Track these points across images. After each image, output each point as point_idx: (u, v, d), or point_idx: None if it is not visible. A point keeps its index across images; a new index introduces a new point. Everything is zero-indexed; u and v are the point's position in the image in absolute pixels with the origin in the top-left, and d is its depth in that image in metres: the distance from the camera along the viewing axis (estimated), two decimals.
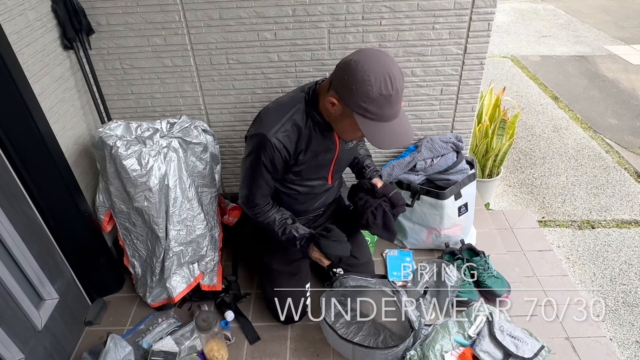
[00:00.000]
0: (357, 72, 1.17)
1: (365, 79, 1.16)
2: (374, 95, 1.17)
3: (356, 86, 1.17)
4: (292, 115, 1.35)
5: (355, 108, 1.21)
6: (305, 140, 1.38)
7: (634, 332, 1.92)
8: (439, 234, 1.90)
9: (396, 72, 1.19)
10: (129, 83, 1.85)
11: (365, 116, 1.21)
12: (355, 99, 1.19)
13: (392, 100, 1.19)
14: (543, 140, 3.27)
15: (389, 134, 1.25)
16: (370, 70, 1.16)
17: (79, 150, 1.71)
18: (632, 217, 2.54)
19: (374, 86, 1.16)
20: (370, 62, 1.18)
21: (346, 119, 1.27)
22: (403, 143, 1.30)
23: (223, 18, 1.70)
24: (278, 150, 1.34)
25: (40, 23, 1.51)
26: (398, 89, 1.19)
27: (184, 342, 1.59)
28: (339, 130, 1.36)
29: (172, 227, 1.63)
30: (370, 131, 1.23)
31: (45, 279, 1.53)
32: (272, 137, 1.32)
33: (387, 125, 1.23)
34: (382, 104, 1.19)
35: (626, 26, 5.42)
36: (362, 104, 1.19)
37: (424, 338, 1.54)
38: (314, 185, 1.53)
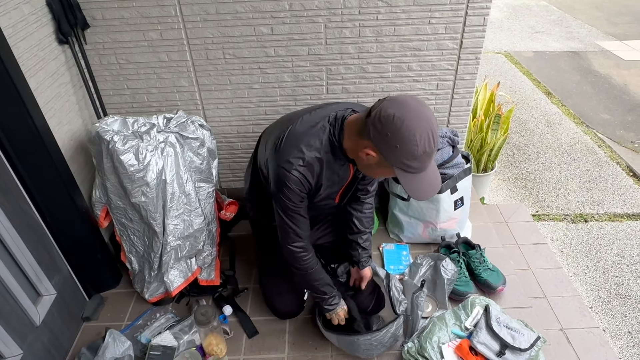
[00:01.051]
0: (402, 131, 1.12)
1: (411, 138, 1.12)
2: (419, 154, 1.14)
3: (401, 145, 1.13)
4: (314, 148, 1.29)
5: (396, 164, 1.18)
6: (325, 174, 1.35)
7: (626, 323, 1.95)
8: (435, 228, 1.92)
9: (435, 125, 1.16)
10: (124, 78, 1.84)
11: (407, 171, 1.18)
12: (399, 156, 1.15)
13: (431, 154, 1.18)
14: (537, 135, 3.30)
15: (426, 184, 1.23)
16: (416, 129, 1.12)
17: (75, 145, 1.70)
18: (624, 211, 2.57)
19: (419, 146, 1.12)
20: (414, 120, 1.12)
21: (381, 168, 1.24)
22: (436, 191, 1.27)
23: (219, 12, 1.70)
24: (302, 183, 1.31)
25: (35, 17, 1.50)
26: (438, 142, 1.17)
27: (182, 337, 1.59)
28: (364, 170, 1.34)
29: (169, 222, 1.63)
30: (411, 185, 1.21)
31: (42, 275, 1.52)
32: (294, 172, 1.28)
33: (423, 174, 1.21)
34: (425, 159, 1.17)
35: (618, 22, 5.47)
36: (405, 161, 1.15)
37: (421, 330, 1.56)
38: (320, 206, 1.52)
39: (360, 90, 1.91)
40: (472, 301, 1.59)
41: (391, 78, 1.87)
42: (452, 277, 1.69)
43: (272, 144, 1.36)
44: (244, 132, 2.02)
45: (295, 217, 1.38)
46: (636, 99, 3.76)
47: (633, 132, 3.32)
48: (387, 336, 1.49)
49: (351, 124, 1.27)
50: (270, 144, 1.37)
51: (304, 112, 1.40)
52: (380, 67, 1.84)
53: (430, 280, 1.74)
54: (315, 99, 1.94)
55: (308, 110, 1.40)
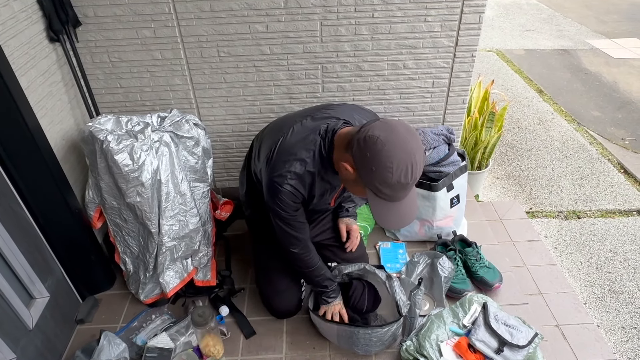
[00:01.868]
0: (381, 155, 1.11)
1: (388, 165, 1.11)
2: (392, 182, 1.13)
3: (376, 168, 1.13)
4: (305, 161, 1.30)
5: (369, 186, 1.18)
6: (317, 184, 1.36)
7: (619, 318, 1.97)
8: (431, 226, 1.92)
9: (419, 160, 1.15)
10: (117, 76, 1.82)
11: (378, 196, 1.18)
12: (372, 179, 1.15)
13: (408, 187, 1.16)
14: (529, 132, 3.32)
15: (396, 214, 1.22)
16: (395, 156, 1.11)
17: (67, 145, 1.68)
18: (616, 207, 2.60)
19: (394, 174, 1.11)
20: (396, 148, 1.11)
21: (357, 186, 1.24)
22: (406, 224, 1.27)
23: (214, 10, 1.68)
24: (294, 194, 1.32)
25: (25, 14, 1.47)
26: (416, 177, 1.16)
27: (179, 338, 1.58)
28: (346, 186, 1.36)
29: (164, 222, 1.61)
30: (378, 210, 1.21)
31: (35, 277, 1.49)
32: (286, 185, 1.30)
33: (395, 204, 1.20)
34: (398, 189, 1.15)
35: (607, 20, 5.52)
36: (378, 185, 1.15)
37: (419, 328, 1.56)
38: (317, 210, 1.55)
39: (356, 89, 1.90)
40: (470, 299, 1.59)
41: (387, 76, 1.87)
42: (449, 275, 1.69)
43: (264, 156, 1.37)
44: (238, 131, 2.01)
45: (292, 224, 1.40)
46: (626, 96, 3.80)
47: (623, 129, 3.36)
48: (387, 335, 1.49)
49: (340, 137, 1.27)
50: (263, 155, 1.39)
51: (295, 121, 1.39)
52: (376, 65, 1.84)
53: (427, 278, 1.74)
54: (310, 97, 1.92)
55: (300, 118, 1.39)
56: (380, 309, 1.65)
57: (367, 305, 1.59)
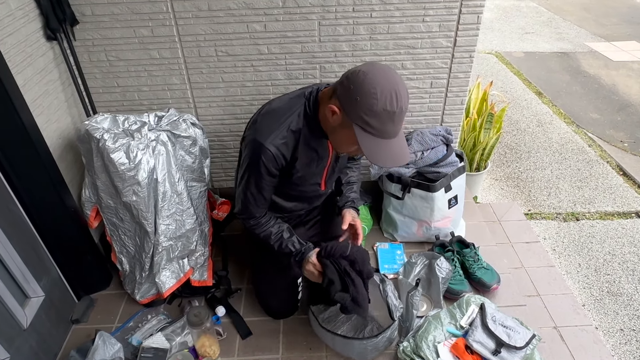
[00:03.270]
0: (365, 84, 1.13)
1: (371, 91, 1.12)
2: (377, 109, 1.13)
3: (361, 97, 1.13)
4: (290, 121, 1.31)
5: (356, 120, 1.17)
6: (301, 148, 1.35)
7: (618, 320, 1.96)
8: (429, 227, 1.91)
9: (403, 91, 1.16)
10: (114, 75, 1.81)
11: (366, 130, 1.17)
12: (358, 110, 1.15)
13: (395, 117, 1.16)
14: (528, 134, 3.32)
15: (387, 151, 1.21)
16: (378, 83, 1.12)
17: (63, 144, 1.67)
18: (614, 209, 2.59)
19: (379, 100, 1.12)
20: (378, 76, 1.14)
21: (344, 130, 1.23)
22: (399, 163, 1.26)
23: (212, 9, 1.68)
24: (275, 158, 1.30)
25: (22, 12, 1.46)
26: (402, 108, 1.16)
27: (174, 338, 1.56)
28: (335, 141, 1.33)
29: (161, 222, 1.61)
30: (368, 146, 1.19)
31: (30, 276, 1.48)
32: (269, 145, 1.28)
33: (385, 142, 1.19)
34: (385, 119, 1.15)
35: (606, 23, 5.53)
36: (365, 116, 1.15)
37: (416, 329, 1.55)
38: (306, 191, 1.52)
39: None
40: (467, 300, 1.58)
41: None
42: (446, 276, 1.68)
43: (251, 122, 1.40)
44: (236, 130, 2.00)
45: (259, 189, 1.38)
46: (625, 99, 3.80)
47: (622, 131, 3.36)
48: (382, 341, 1.49)
49: (325, 92, 1.30)
50: (250, 122, 1.41)
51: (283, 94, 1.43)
52: None
53: (425, 279, 1.73)
54: None
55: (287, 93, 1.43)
56: (375, 312, 1.64)
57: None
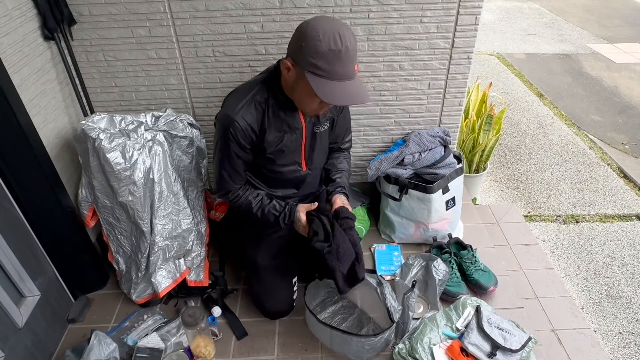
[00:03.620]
0: (307, 30, 1.20)
1: (314, 34, 1.18)
2: (322, 49, 1.18)
3: (305, 42, 1.20)
4: (254, 93, 1.38)
5: (306, 66, 1.22)
6: (269, 119, 1.40)
7: (617, 323, 1.95)
8: (426, 228, 1.90)
9: (346, 32, 1.20)
10: (112, 75, 1.81)
11: (316, 73, 1.22)
12: (305, 55, 1.21)
13: (342, 56, 1.19)
14: (528, 136, 3.31)
15: (340, 92, 1.24)
16: (320, 27, 1.19)
17: (60, 143, 1.67)
18: (615, 212, 2.58)
19: (322, 41, 1.18)
20: (320, 21, 1.21)
21: (300, 83, 1.27)
22: (355, 102, 1.30)
23: (209, 9, 1.68)
24: (243, 130, 1.36)
25: (19, 12, 1.47)
26: (348, 47, 1.19)
27: (170, 339, 1.56)
28: (297, 100, 1.36)
29: (157, 222, 1.61)
30: (320, 88, 1.23)
31: (25, 275, 1.49)
32: (236, 116, 1.35)
33: (338, 84, 1.23)
34: (332, 60, 1.19)
35: (609, 25, 5.51)
36: (312, 59, 1.20)
37: (412, 331, 1.54)
38: (286, 172, 1.54)
39: None
40: (464, 302, 1.58)
41: (382, 77, 1.86)
42: (443, 278, 1.68)
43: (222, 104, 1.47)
44: None
45: (232, 164, 1.44)
46: (626, 101, 3.78)
47: (624, 133, 3.34)
48: (380, 342, 1.48)
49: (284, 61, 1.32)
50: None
51: None
52: (372, 65, 1.83)
53: (422, 280, 1.73)
54: None
55: None
56: (372, 313, 1.64)
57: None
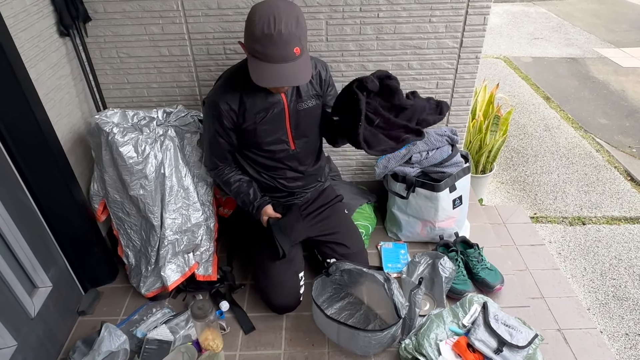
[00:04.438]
0: (250, 14, 1.25)
1: (252, 19, 1.23)
2: (257, 33, 1.22)
3: (247, 26, 1.26)
4: (235, 76, 1.45)
5: (249, 49, 1.28)
6: (249, 98, 1.45)
7: (623, 324, 1.95)
8: (433, 227, 1.91)
9: (283, 15, 1.20)
10: (125, 72, 1.84)
11: (254, 55, 1.27)
12: (247, 39, 1.27)
13: (274, 40, 1.21)
14: (535, 138, 3.31)
15: (275, 73, 1.27)
16: (257, 11, 1.23)
17: (73, 138, 1.70)
18: (621, 214, 2.58)
19: (257, 25, 1.21)
20: (260, 5, 1.24)
21: (249, 62, 1.31)
22: (289, 83, 1.34)
23: (221, 7, 1.70)
24: (224, 111, 1.43)
25: (36, 8, 1.50)
26: (281, 30, 1.20)
27: (178, 331, 1.58)
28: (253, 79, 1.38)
29: (167, 216, 1.63)
30: (255, 71, 1.27)
31: (38, 266, 1.51)
32: (218, 99, 1.43)
33: (273, 66, 1.25)
34: (265, 43, 1.22)
35: (616, 30, 5.51)
36: (250, 42, 1.26)
37: (418, 327, 1.55)
38: (274, 150, 1.57)
39: None
40: (470, 299, 1.58)
41: None
42: (450, 276, 1.68)
43: None
44: None
45: (216, 140, 1.52)
46: (634, 104, 3.78)
47: (631, 137, 3.34)
48: (387, 337, 1.49)
49: None
50: None
51: None
52: (381, 64, 1.85)
53: (428, 278, 1.74)
54: None
55: None
56: (378, 310, 1.65)
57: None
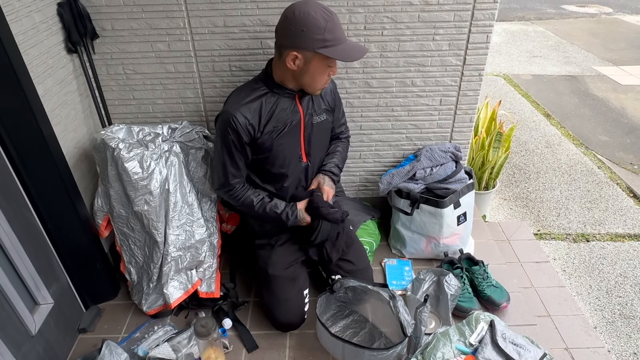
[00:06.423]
0: (299, 18, 1.32)
1: (309, 17, 1.31)
2: (322, 24, 1.31)
3: (305, 26, 1.31)
4: (252, 90, 1.48)
5: (315, 46, 1.33)
6: (268, 111, 1.47)
7: (631, 344, 1.92)
8: (438, 243, 1.90)
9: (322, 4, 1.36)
10: (131, 88, 1.86)
11: (327, 46, 1.33)
12: (311, 36, 1.32)
13: (335, 22, 1.34)
14: (537, 155, 3.32)
15: (350, 49, 1.39)
16: (306, 9, 1.32)
17: (79, 153, 1.70)
18: (625, 231, 2.57)
19: (318, 17, 1.31)
20: (300, 6, 1.33)
21: (311, 64, 1.38)
22: (363, 53, 1.42)
23: (227, 25, 1.73)
24: (241, 125, 1.43)
25: (45, 25, 1.52)
26: (332, 12, 1.35)
27: (181, 350, 1.56)
28: (309, 82, 1.44)
29: (171, 232, 1.62)
30: (338, 54, 1.35)
31: (40, 283, 1.50)
32: (235, 112, 1.42)
33: (345, 45, 1.37)
34: (332, 28, 1.33)
35: (614, 48, 5.58)
36: (318, 36, 1.32)
37: (424, 346, 1.52)
38: (287, 164, 1.57)
39: (365, 105, 1.92)
40: (477, 317, 1.56)
41: (395, 93, 1.89)
42: (455, 293, 1.67)
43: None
44: None
45: (232, 158, 1.50)
46: (634, 122, 3.80)
47: (632, 154, 3.35)
48: (392, 356, 1.46)
49: (273, 59, 1.48)
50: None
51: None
52: (385, 82, 1.86)
53: (433, 296, 1.72)
54: None
55: None
56: (384, 328, 1.63)
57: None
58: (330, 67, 1.42)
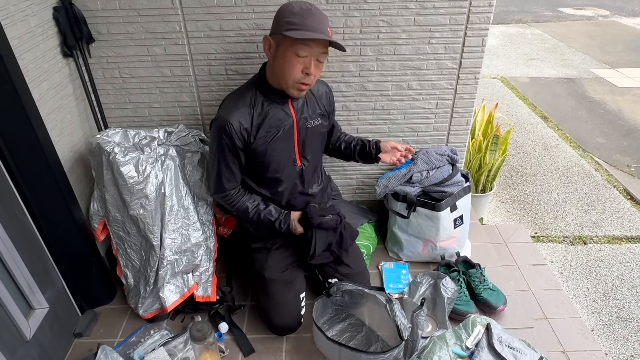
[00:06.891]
0: (281, 7, 1.38)
1: (287, 6, 1.36)
2: (295, 10, 1.33)
3: (280, 13, 1.37)
4: (245, 94, 1.49)
5: (281, 28, 1.34)
6: (260, 115, 1.48)
7: (628, 346, 1.92)
8: (434, 246, 1.90)
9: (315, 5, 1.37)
10: (127, 92, 1.86)
11: (291, 28, 1.32)
12: (280, 21, 1.35)
13: (312, 12, 1.34)
14: (534, 158, 3.33)
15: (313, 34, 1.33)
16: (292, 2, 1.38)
17: (74, 157, 1.70)
18: (622, 233, 2.57)
19: (295, 6, 1.34)
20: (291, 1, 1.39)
21: (280, 49, 1.37)
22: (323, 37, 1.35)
23: (223, 29, 1.73)
24: (235, 130, 1.44)
25: (41, 30, 1.52)
26: (317, 9, 1.35)
27: (177, 354, 1.55)
28: (281, 71, 1.41)
29: (167, 236, 1.62)
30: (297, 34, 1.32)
31: (35, 287, 1.49)
32: (229, 117, 1.43)
33: (313, 34, 1.32)
34: (304, 15, 1.32)
35: (610, 51, 5.60)
36: (286, 19, 1.33)
37: (421, 350, 1.52)
38: (281, 167, 1.57)
39: (361, 108, 1.93)
40: (473, 320, 1.56)
41: (391, 96, 1.89)
42: (452, 296, 1.67)
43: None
44: None
45: (227, 163, 1.50)
46: (631, 124, 3.81)
47: (629, 156, 3.35)
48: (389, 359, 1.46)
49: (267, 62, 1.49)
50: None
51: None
52: (381, 85, 1.86)
53: (430, 299, 1.72)
54: None
55: None
56: (380, 331, 1.62)
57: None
58: (300, 58, 1.35)
